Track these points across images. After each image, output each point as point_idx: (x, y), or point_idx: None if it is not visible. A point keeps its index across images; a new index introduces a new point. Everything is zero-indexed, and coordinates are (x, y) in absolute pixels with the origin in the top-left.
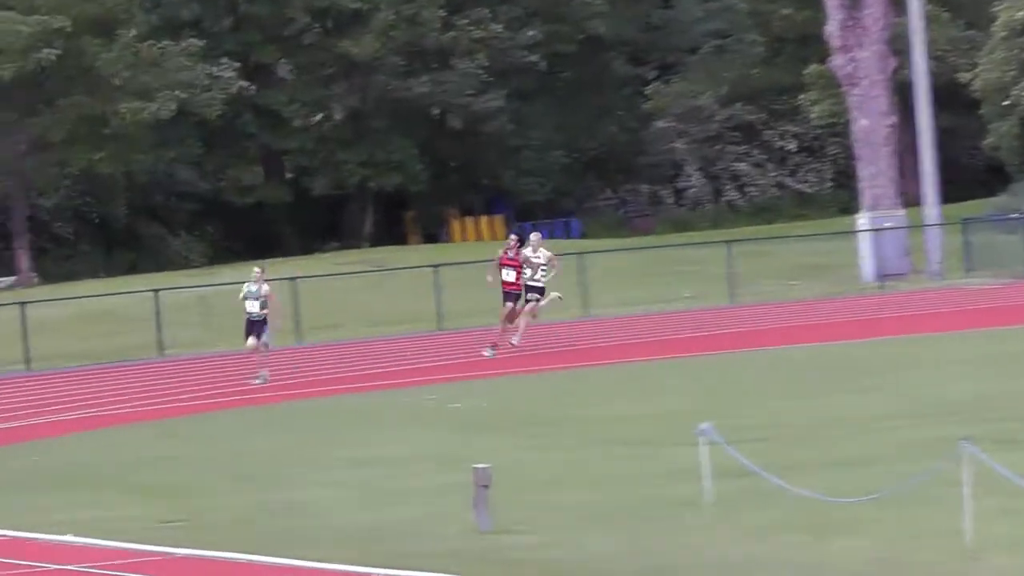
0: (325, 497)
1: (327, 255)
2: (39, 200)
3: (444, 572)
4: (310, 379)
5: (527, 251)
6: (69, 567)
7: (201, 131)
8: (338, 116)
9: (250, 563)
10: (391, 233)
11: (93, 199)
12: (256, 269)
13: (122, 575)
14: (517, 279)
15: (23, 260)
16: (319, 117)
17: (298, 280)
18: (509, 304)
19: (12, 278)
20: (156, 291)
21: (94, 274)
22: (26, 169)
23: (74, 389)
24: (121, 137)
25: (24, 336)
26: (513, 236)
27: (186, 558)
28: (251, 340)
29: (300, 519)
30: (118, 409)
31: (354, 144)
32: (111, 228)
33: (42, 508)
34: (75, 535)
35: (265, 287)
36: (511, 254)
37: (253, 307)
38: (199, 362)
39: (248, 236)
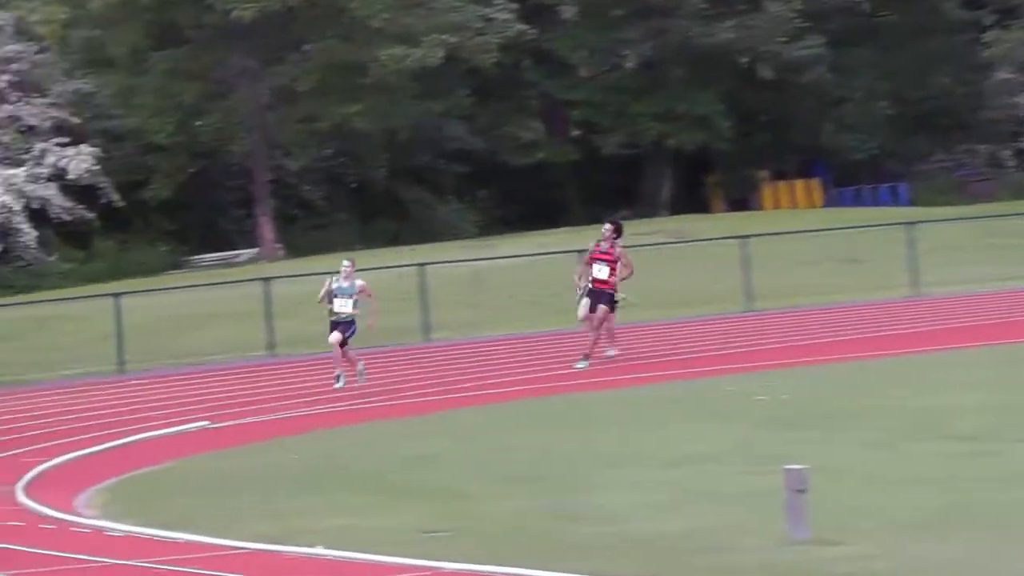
0: (619, 501)
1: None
2: (285, 161)
3: None
4: (599, 367)
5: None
6: None
7: (473, 81)
8: (631, 64)
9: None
10: (692, 199)
11: (348, 159)
12: (345, 262)
13: None
14: (611, 276)
15: (267, 230)
16: (608, 66)
17: (584, 253)
18: (602, 307)
19: (254, 250)
20: (421, 265)
21: (349, 246)
22: (270, 124)
23: (321, 378)
24: (380, 88)
25: (267, 317)
26: (608, 225)
27: (454, 573)
28: (335, 334)
29: (589, 526)
30: (377, 402)
31: (649, 96)
32: (369, 193)
33: (291, 514)
34: (325, 547)
35: (360, 281)
36: (605, 246)
37: (344, 306)
38: (468, 347)
39: (527, 203)
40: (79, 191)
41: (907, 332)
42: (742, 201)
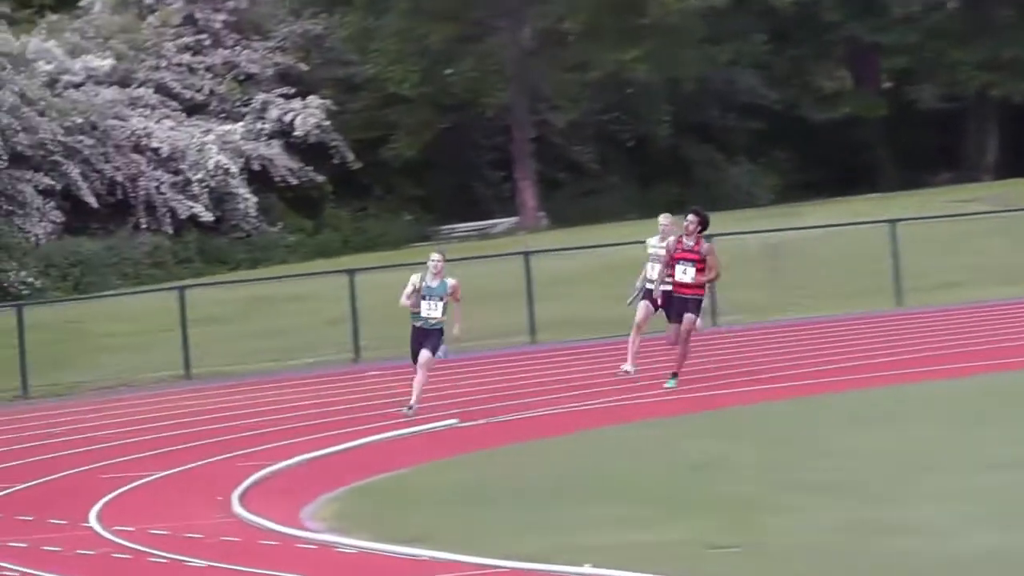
0: (941, 513)
1: (936, 190)
2: (550, 116)
3: None
4: (910, 355)
5: (670, 240)
6: None
7: (768, 22)
8: (952, 3)
9: None
10: (1021, 162)
11: (623, 114)
12: (435, 256)
13: None
14: (698, 277)
15: (528, 196)
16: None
17: (898, 224)
18: (689, 316)
19: (513, 219)
20: (708, 237)
21: (623, 214)
22: (531, 73)
23: (578, 369)
24: (662, 30)
25: (528, 298)
26: (691, 216)
27: None
28: (424, 354)
29: (899, 542)
30: (651, 397)
31: (972, 41)
32: (648, 153)
33: (553, 528)
34: (594, 566)
35: (451, 280)
36: (690, 242)
37: (432, 310)
38: (761, 333)
39: (831, 164)
40: (307, 150)
41: None
42: None
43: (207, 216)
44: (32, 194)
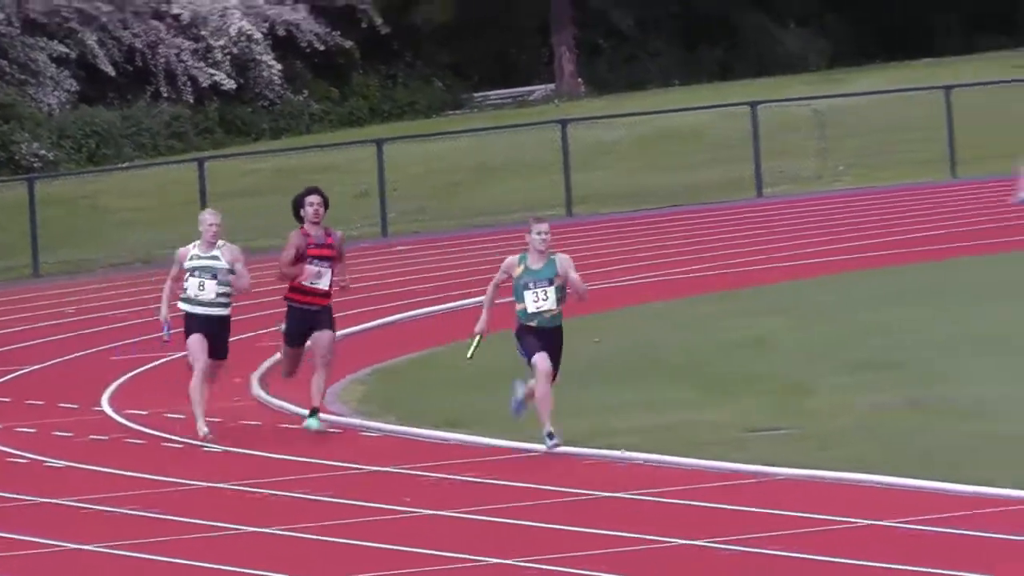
0: (1000, 395)
1: (995, 55)
2: None
3: None
4: (962, 229)
5: None
6: (618, 495)
7: None
8: None
9: (879, 486)
10: None
11: None
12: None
13: (688, 504)
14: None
15: (566, 62)
16: None
17: (953, 90)
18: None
19: (550, 86)
20: (753, 104)
21: (667, 82)
22: None
23: (615, 243)
24: None
25: (565, 166)
26: (316, 197)
27: (786, 480)
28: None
29: (952, 425)
30: (695, 272)
31: None
32: (694, 18)
33: (590, 410)
34: (627, 450)
35: (563, 256)
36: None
37: (541, 300)
38: (809, 204)
39: (886, 28)
40: (334, 14)
41: None
42: None
43: (229, 84)
44: (46, 62)
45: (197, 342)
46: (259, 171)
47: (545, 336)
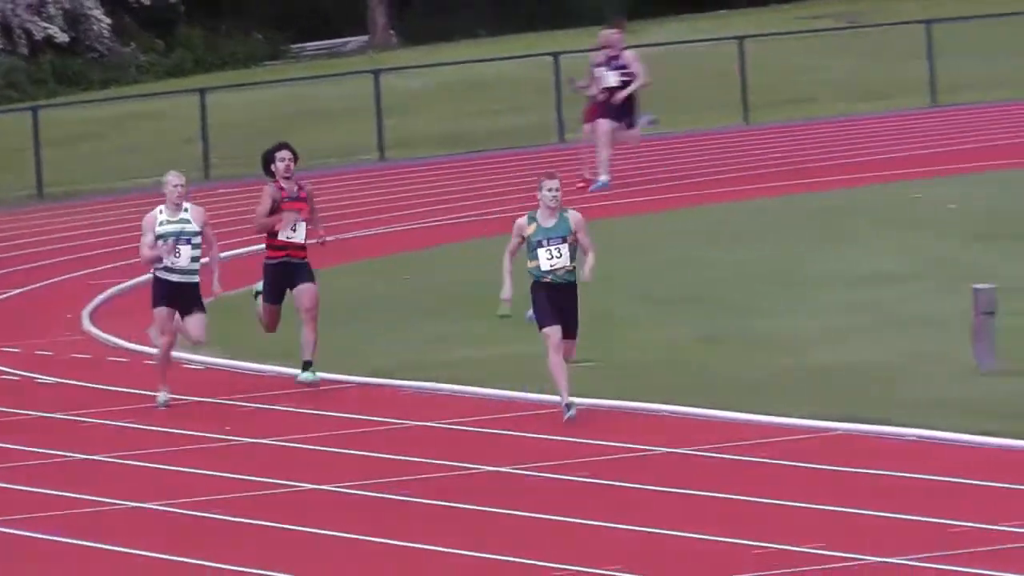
0: (792, 328)
1: (785, 7)
2: None
3: (928, 428)
4: (757, 170)
5: None
6: (436, 424)
7: None
8: None
9: (676, 416)
10: None
11: None
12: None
13: (493, 433)
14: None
15: (378, 14)
16: None
17: (745, 40)
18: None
19: (363, 38)
20: (556, 55)
21: (473, 33)
22: None
23: (438, 185)
24: None
25: (377, 114)
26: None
27: (593, 409)
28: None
29: (753, 358)
30: (506, 212)
31: None
32: None
33: (410, 343)
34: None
35: (575, 213)
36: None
37: (556, 258)
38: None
39: None
40: None
41: None
42: None
43: (62, 37)
44: None
45: (165, 314)
46: (90, 119)
47: (560, 293)
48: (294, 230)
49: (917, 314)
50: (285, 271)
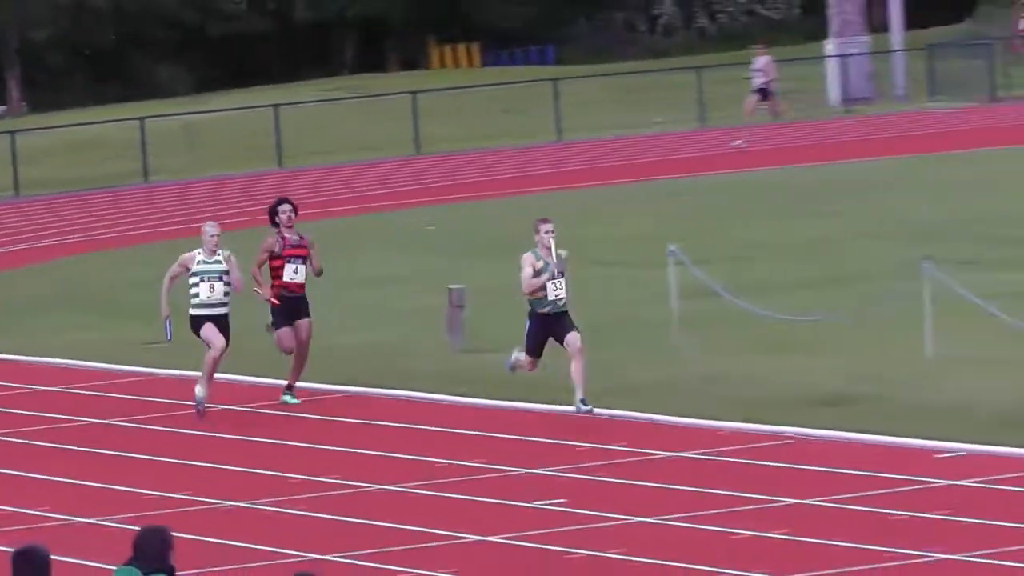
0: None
1: (310, 83)
2: (31, 33)
3: (415, 391)
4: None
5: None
6: (56, 388)
7: None
8: None
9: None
10: (371, 61)
11: (82, 29)
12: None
13: (106, 396)
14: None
15: (14, 90)
16: None
17: (281, 107)
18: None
19: (2, 108)
20: (142, 119)
21: (82, 104)
22: (17, 2)
23: (62, 215)
24: None
25: (14, 163)
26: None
27: (167, 378)
28: (573, 336)
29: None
30: (104, 234)
31: None
32: (99, 59)
33: (33, 330)
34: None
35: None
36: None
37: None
38: (184, 188)
39: (232, 64)
40: None
41: (552, 172)
42: (413, 62)
43: None
44: None
45: (212, 329)
46: None
47: (554, 321)
48: (296, 272)
49: (408, 308)
50: (292, 304)
